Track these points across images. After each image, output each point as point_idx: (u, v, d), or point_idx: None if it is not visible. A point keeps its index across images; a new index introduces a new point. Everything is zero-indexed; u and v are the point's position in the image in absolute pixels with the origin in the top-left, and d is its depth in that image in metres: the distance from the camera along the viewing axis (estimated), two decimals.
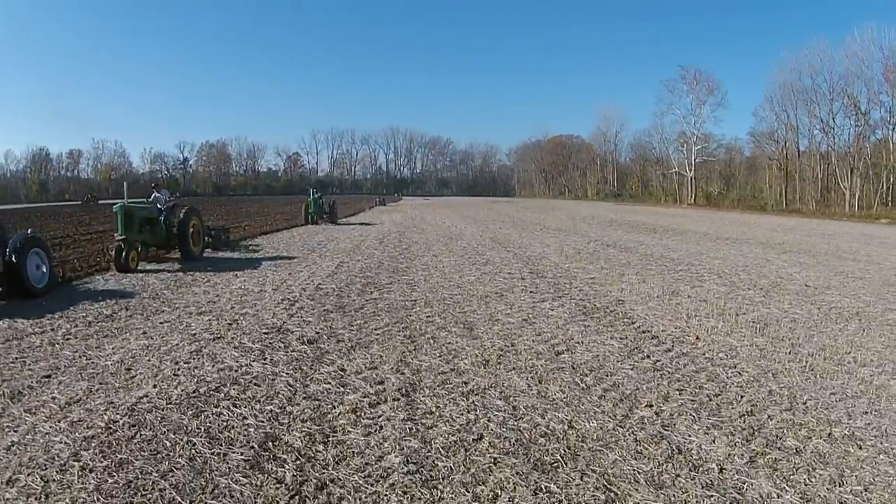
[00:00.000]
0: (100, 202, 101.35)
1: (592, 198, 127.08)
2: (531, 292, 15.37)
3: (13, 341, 11.22)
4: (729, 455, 6.08)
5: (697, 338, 10.86)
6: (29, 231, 17.71)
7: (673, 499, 5.29)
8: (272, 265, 21.58)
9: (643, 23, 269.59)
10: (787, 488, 5.44)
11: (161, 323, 12.51)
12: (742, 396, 7.81)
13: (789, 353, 9.86)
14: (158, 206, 24.26)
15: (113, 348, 10.60)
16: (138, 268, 20.53)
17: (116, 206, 21.70)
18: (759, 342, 10.53)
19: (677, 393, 7.93)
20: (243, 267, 21.34)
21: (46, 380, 8.96)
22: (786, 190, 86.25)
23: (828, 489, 5.43)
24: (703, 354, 9.82)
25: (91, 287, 17.06)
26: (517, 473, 5.72)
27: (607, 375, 8.67)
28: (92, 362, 9.77)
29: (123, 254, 20.17)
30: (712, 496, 5.33)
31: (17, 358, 10.13)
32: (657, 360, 9.43)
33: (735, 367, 9.09)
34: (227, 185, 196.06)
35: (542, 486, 5.48)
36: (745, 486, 5.52)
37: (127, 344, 10.90)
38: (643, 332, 11.35)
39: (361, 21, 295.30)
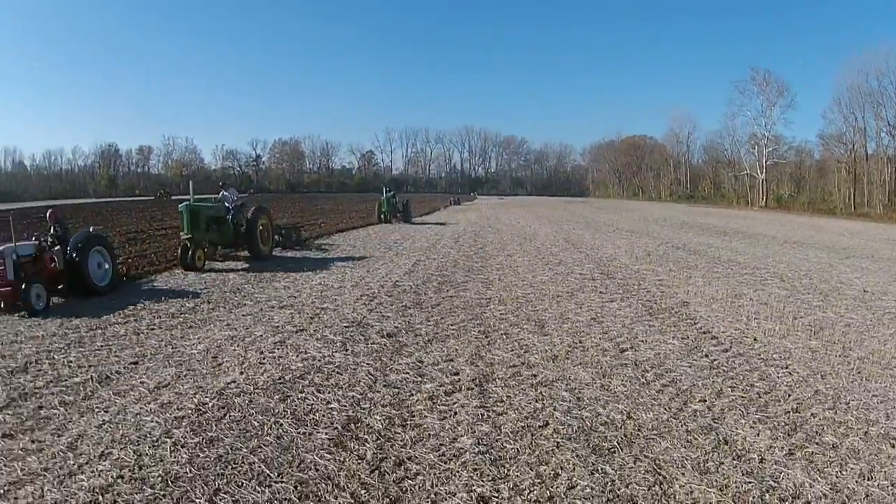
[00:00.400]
0: (172, 198, 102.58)
1: (666, 199, 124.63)
2: (600, 292, 15.88)
3: (97, 330, 12.27)
4: (770, 447, 6.64)
5: (755, 339, 11.27)
6: (91, 229, 18.14)
7: (715, 483, 5.88)
8: (349, 263, 22.43)
9: (710, 21, 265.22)
10: (818, 479, 5.96)
11: (244, 315, 13.52)
12: (790, 395, 8.30)
13: (839, 356, 10.21)
14: (227, 204, 24.24)
15: (198, 338, 11.57)
16: (205, 266, 20.88)
17: (182, 206, 21.98)
18: (813, 345, 10.90)
19: (729, 389, 8.48)
20: (319, 265, 22.10)
21: (134, 366, 9.91)
22: (854, 193, 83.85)
23: (856, 482, 5.94)
24: (758, 355, 10.26)
25: (157, 285, 17.89)
26: (577, 456, 6.42)
27: (666, 372, 9.27)
28: (178, 351, 10.74)
29: (190, 252, 20.54)
30: (750, 482, 5.89)
31: (102, 346, 11.14)
32: (714, 359, 9.96)
33: (786, 368, 9.52)
34: (300, 183, 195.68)
35: (599, 468, 6.16)
36: (780, 475, 6.06)
37: (211, 334, 11.86)
38: (704, 332, 11.82)
39: (433, 20, 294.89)
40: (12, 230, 15.19)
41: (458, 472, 6.13)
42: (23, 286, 14.11)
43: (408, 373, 9.27)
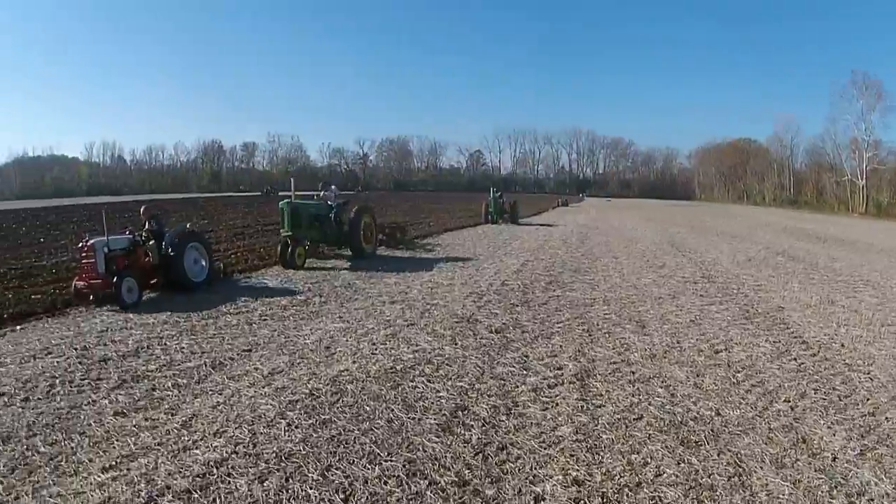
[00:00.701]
0: (279, 194, 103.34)
1: (770, 204, 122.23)
2: (701, 296, 16.34)
3: (209, 320, 13.36)
4: (844, 447, 7.12)
5: (842, 345, 11.62)
6: (188, 225, 18.81)
7: (789, 478, 6.40)
8: (458, 262, 23.27)
9: (812, 21, 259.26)
10: (884, 479, 6.41)
11: (355, 309, 14.47)
12: (868, 399, 8.70)
13: None
14: (329, 202, 24.49)
15: (310, 329, 12.49)
16: (305, 265, 21.15)
17: (283, 203, 22.27)
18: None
19: (813, 392, 8.95)
20: (428, 263, 23.03)
21: (247, 353, 10.84)
22: None
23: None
24: (844, 360, 10.64)
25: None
26: (666, 447, 7.06)
27: (756, 373, 9.77)
28: (291, 340, 11.68)
29: (290, 250, 20.87)
30: (821, 479, 6.40)
31: (214, 334, 12.15)
32: (802, 363, 10.41)
33: (869, 374, 9.88)
34: (407, 182, 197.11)
35: (685, 459, 6.78)
36: (850, 473, 6.55)
37: (324, 326, 12.80)
38: (795, 336, 12.23)
39: (541, 19, 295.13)
40: (104, 224, 15.70)
41: (555, 457, 6.78)
42: (114, 279, 14.54)
43: (514, 366, 9.96)
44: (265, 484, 6.15)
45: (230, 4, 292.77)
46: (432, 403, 8.33)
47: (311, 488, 6.06)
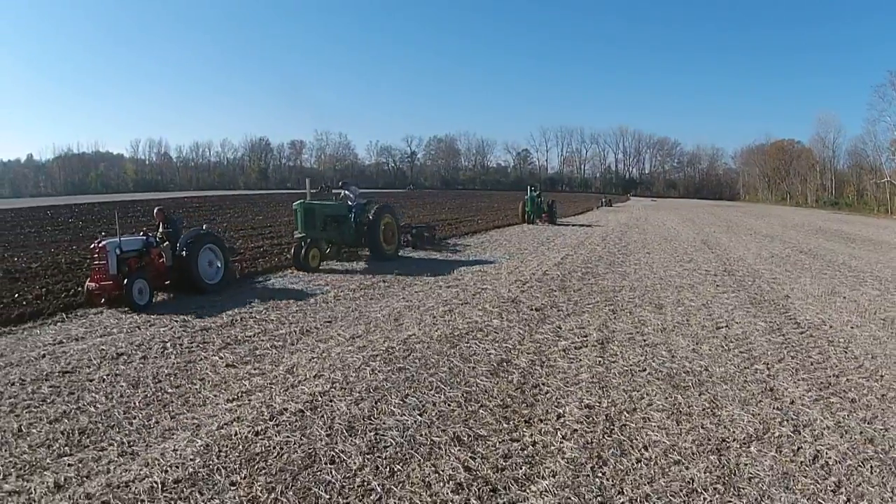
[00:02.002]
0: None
1: (811, 205, 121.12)
2: (717, 285, 18.29)
3: (291, 300, 15.95)
4: (802, 396, 9.05)
5: (830, 327, 13.36)
6: (203, 227, 18.70)
7: (751, 412, 8.41)
8: (504, 255, 25.94)
9: (853, 23, 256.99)
10: (829, 417, 8.26)
11: (416, 292, 17.09)
12: (837, 366, 10.54)
13: None
14: (349, 202, 24.15)
15: (379, 307, 15.04)
16: (320, 266, 21.27)
17: (297, 203, 21.99)
18: (878, 334, 12.77)
19: (790, 358, 10.89)
20: (477, 256, 25.57)
21: (329, 324, 13.35)
22: None
23: (857, 423, 8.08)
24: (827, 337, 12.43)
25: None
26: (660, 389, 9.23)
27: (747, 344, 11.78)
28: (364, 315, 14.17)
29: (303, 252, 20.72)
30: (777, 414, 8.35)
31: (297, 310, 14.77)
32: (788, 338, 12.31)
33: (846, 349, 11.61)
34: (455, 180, 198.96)
35: (673, 396, 8.93)
36: (802, 412, 8.44)
37: (391, 304, 15.34)
38: (790, 318, 14.08)
39: (586, 15, 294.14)
40: (117, 224, 16.47)
41: (574, 392, 9.02)
42: (125, 280, 14.68)
43: (548, 334, 12.29)
44: (360, 406, 8.41)
45: (280, 1, 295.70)
46: (483, 357, 10.66)
47: (395, 408, 8.33)
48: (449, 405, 8.47)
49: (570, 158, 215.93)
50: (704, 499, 6.02)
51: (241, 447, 7.11)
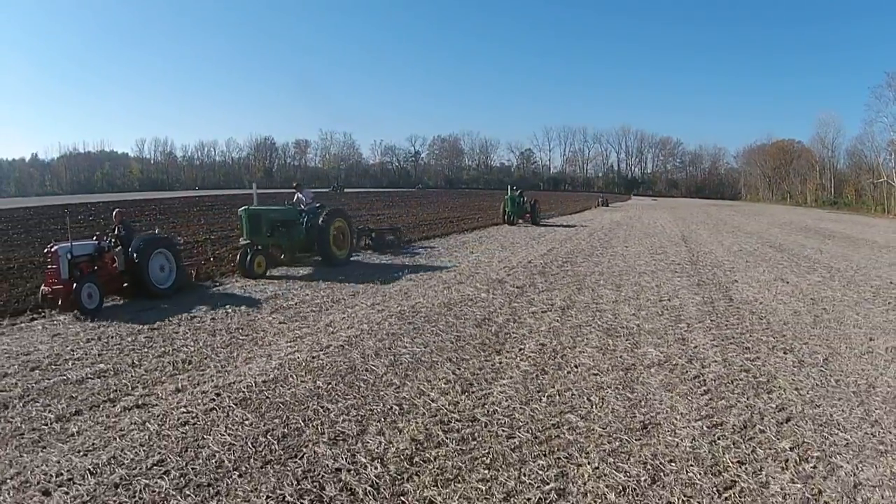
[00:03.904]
0: (345, 190, 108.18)
1: (811, 204, 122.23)
2: (675, 272, 21.34)
3: (319, 282, 19.48)
4: (705, 343, 12.16)
5: (759, 302, 16.05)
6: (156, 231, 19.28)
7: (661, 349, 11.59)
8: (497, 247, 29.60)
9: (855, 22, 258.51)
10: (719, 356, 11.31)
11: (421, 273, 20.50)
12: (748, 328, 13.34)
13: (811, 316, 14.66)
14: (301, 206, 23.70)
15: (392, 284, 18.66)
16: (266, 273, 20.63)
17: (241, 209, 21.60)
18: (798, 308, 15.54)
19: (709, 321, 13.97)
20: (475, 248, 29.31)
21: (353, 296, 17.05)
22: None
23: (743, 360, 11.23)
24: (751, 309, 15.24)
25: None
26: (597, 336, 12.57)
27: (680, 311, 14.95)
28: (381, 290, 17.82)
29: (248, 258, 20.21)
30: (681, 351, 11.52)
31: (326, 287, 18.76)
32: (716, 308, 15.40)
33: (763, 318, 14.34)
34: (459, 179, 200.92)
35: (606, 340, 12.27)
36: (701, 352, 11.52)
37: (400, 283, 18.89)
38: (726, 296, 17.06)
39: (588, 16, 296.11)
40: (68, 229, 16.75)
41: (534, 337, 12.41)
42: (74, 285, 14.66)
43: (523, 303, 15.70)
44: (382, 342, 11.97)
45: (285, 0, 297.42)
46: (470, 316, 14.12)
47: (406, 344, 11.84)
48: (444, 343, 11.89)
49: (573, 158, 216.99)
50: (607, 392, 9.23)
51: (303, 364, 10.53)
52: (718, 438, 7.58)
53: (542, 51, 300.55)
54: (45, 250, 15.64)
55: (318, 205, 23.88)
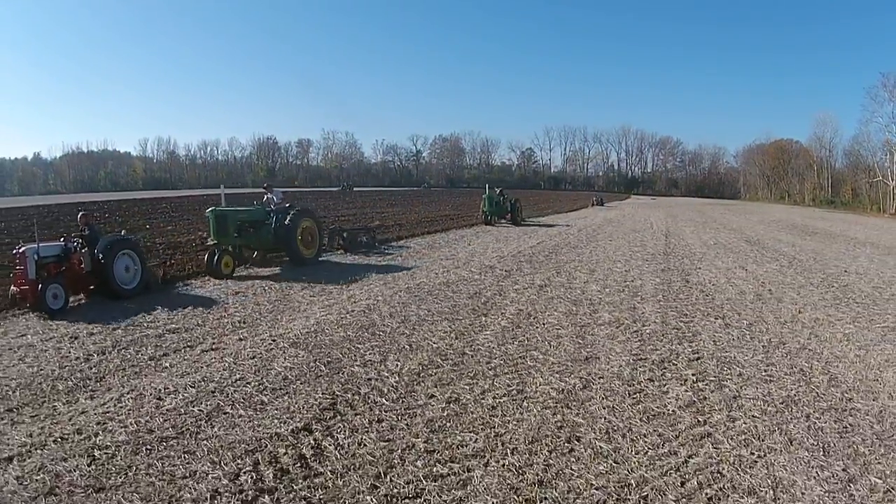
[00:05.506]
0: (355, 189, 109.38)
1: (808, 204, 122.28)
2: (646, 261, 24.10)
3: (336, 269, 22.52)
4: (652, 311, 15.07)
5: (713, 285, 18.38)
6: (122, 232, 19.47)
7: (614, 314, 14.42)
8: (491, 240, 32.67)
9: (855, 22, 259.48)
10: (660, 319, 14.31)
11: (422, 261, 23.64)
12: (694, 301, 16.23)
13: (754, 296, 16.90)
14: (270, 207, 23.61)
15: (401, 271, 21.47)
16: (233, 273, 20.67)
17: (209, 210, 21.86)
18: (745, 289, 17.90)
19: (662, 295, 16.85)
20: (471, 242, 32.44)
21: (366, 278, 19.79)
22: None
23: (677, 321, 14.11)
24: (701, 289, 17.81)
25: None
26: (564, 305, 15.59)
27: (637, 288, 17.87)
28: (391, 274, 20.69)
29: (216, 259, 20.40)
30: (629, 316, 14.41)
31: (340, 273, 21.14)
32: (671, 286, 18.23)
33: (709, 295, 16.88)
34: (460, 178, 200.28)
35: (571, 308, 15.27)
36: (645, 316, 14.47)
37: (408, 269, 21.83)
38: (684, 278, 19.76)
39: (589, 16, 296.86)
40: (36, 231, 16.77)
41: (514, 305, 15.41)
42: (39, 286, 14.85)
43: (509, 283, 18.69)
44: (394, 308, 15.08)
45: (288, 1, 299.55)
46: (464, 292, 17.18)
47: (413, 309, 14.91)
48: (442, 309, 14.97)
49: (574, 157, 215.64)
50: (563, 340, 12.20)
51: (335, 322, 13.63)
52: (639, 367, 10.51)
53: (542, 50, 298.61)
54: (14, 251, 15.97)
55: (287, 205, 24.09)
